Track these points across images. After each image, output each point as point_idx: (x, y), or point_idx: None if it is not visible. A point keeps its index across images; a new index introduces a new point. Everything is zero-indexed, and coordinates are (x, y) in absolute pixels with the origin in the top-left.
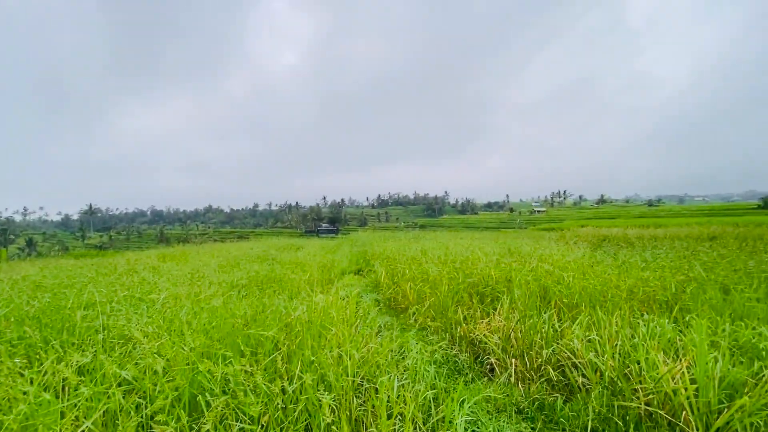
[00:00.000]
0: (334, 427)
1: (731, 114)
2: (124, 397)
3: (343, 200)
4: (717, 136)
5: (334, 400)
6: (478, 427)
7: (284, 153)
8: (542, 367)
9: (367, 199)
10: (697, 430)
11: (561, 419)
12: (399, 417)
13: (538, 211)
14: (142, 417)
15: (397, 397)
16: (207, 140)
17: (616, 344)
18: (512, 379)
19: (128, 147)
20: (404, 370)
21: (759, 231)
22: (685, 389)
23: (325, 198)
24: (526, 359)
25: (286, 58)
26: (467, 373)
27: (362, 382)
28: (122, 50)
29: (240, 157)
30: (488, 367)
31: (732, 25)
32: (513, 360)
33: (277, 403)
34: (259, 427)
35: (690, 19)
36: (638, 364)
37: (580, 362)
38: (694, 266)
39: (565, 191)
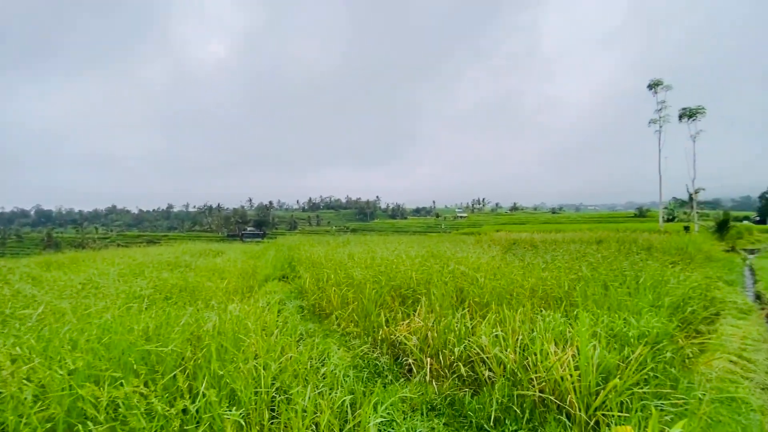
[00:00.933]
0: None
1: (616, 137)
2: None
3: (271, 203)
4: (606, 155)
5: (243, 416)
6: (393, 428)
7: (206, 150)
8: (454, 364)
9: (298, 202)
10: (580, 410)
11: (469, 412)
12: (314, 426)
13: (461, 217)
14: None
15: (315, 406)
16: (115, 132)
17: (518, 338)
18: (427, 378)
19: (9, 138)
20: (323, 378)
21: (634, 236)
22: (570, 375)
23: (251, 200)
24: (441, 357)
25: (214, 49)
26: (387, 375)
27: (277, 393)
28: (10, 25)
29: (154, 152)
30: (407, 367)
31: (620, 62)
32: (429, 359)
33: (175, 426)
34: None
35: (590, 54)
36: (535, 355)
37: (487, 357)
38: (583, 266)
39: (483, 198)
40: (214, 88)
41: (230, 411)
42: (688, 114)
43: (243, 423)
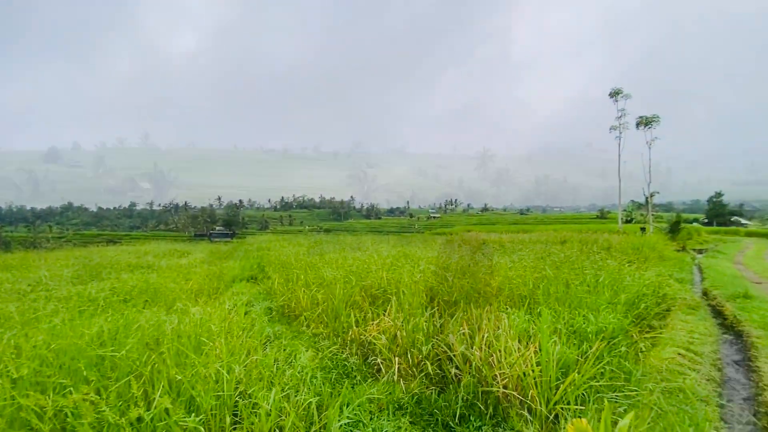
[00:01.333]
0: None
1: (579, 143)
2: None
3: (241, 201)
4: (570, 159)
5: (203, 422)
6: (359, 429)
7: (173, 145)
8: (422, 363)
9: (270, 201)
10: (541, 405)
11: (435, 410)
12: (278, 430)
13: (434, 217)
14: None
15: (280, 409)
16: (75, 123)
17: (484, 336)
18: (395, 377)
19: None
20: (289, 380)
21: (595, 236)
22: (532, 371)
23: (220, 198)
24: (409, 356)
25: (185, 41)
26: (355, 376)
27: (240, 397)
28: None
29: (117, 147)
30: (376, 367)
31: (584, 72)
32: (397, 358)
33: None
34: None
35: (557, 63)
36: (499, 352)
37: (454, 355)
38: (547, 266)
39: (456, 199)
40: (183, 80)
41: (188, 417)
42: (645, 122)
43: (203, 430)
